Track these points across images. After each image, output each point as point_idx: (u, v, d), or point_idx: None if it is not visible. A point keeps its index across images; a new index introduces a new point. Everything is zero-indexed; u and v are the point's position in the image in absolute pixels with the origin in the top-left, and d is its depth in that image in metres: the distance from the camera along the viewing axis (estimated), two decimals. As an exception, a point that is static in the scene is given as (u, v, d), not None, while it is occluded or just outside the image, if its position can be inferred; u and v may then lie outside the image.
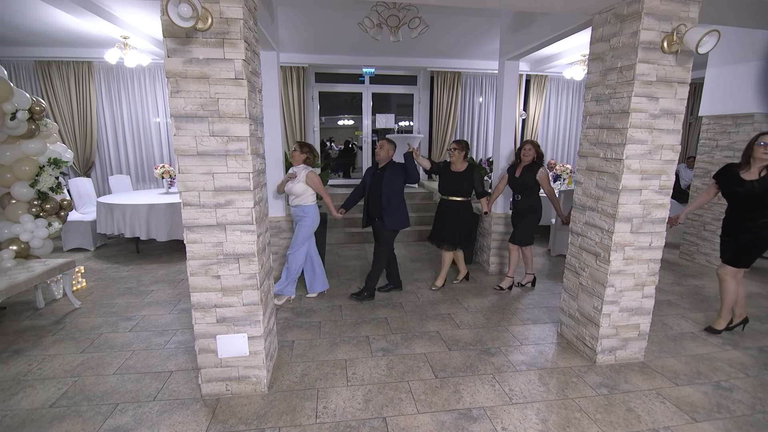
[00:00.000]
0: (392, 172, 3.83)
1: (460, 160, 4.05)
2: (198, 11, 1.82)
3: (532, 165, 3.99)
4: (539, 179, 3.96)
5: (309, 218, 3.76)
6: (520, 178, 4.04)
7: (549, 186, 4.02)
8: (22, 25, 5.10)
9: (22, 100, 3.55)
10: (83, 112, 6.53)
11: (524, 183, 4.02)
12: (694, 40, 2.29)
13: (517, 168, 4.09)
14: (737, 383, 2.67)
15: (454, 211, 4.07)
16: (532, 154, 3.98)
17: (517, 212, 4.16)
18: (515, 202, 4.15)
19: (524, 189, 4.04)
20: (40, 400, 2.42)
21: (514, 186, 4.13)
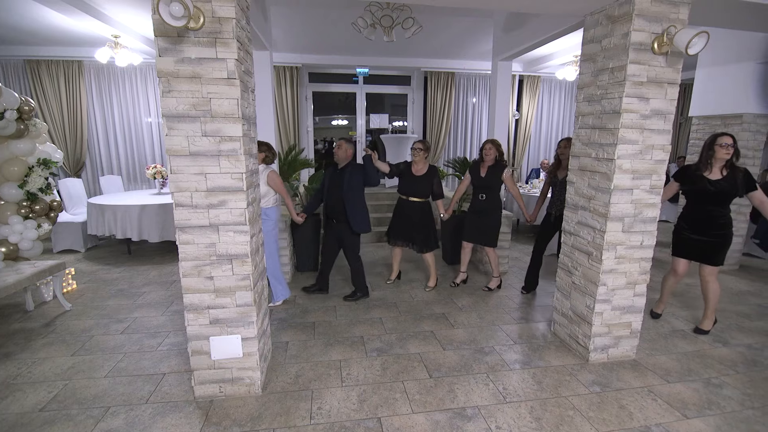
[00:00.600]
0: (352, 173, 3.72)
1: (423, 160, 4.00)
2: (190, 10, 1.81)
3: (496, 165, 3.98)
4: (504, 179, 3.97)
5: (271, 221, 3.57)
6: (485, 178, 4.01)
7: (514, 186, 4.04)
8: (11, 24, 5.02)
9: (10, 100, 3.51)
10: (73, 111, 6.45)
11: (489, 183, 4.00)
12: (683, 41, 2.32)
13: (481, 168, 4.06)
14: (727, 380, 2.71)
15: (412, 211, 4.03)
16: (493, 153, 3.96)
17: (478, 211, 4.11)
18: (478, 201, 4.10)
19: (489, 189, 4.03)
20: (30, 404, 2.39)
21: (478, 186, 4.08)
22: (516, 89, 7.93)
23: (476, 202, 4.13)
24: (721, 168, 3.05)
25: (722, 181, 3.03)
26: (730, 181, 3.02)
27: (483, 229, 4.10)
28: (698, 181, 3.10)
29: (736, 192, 3.03)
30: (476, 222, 4.13)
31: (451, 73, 7.52)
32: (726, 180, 3.03)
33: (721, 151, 2.98)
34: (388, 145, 7.78)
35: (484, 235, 4.11)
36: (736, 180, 3.01)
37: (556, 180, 3.92)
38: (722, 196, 3.06)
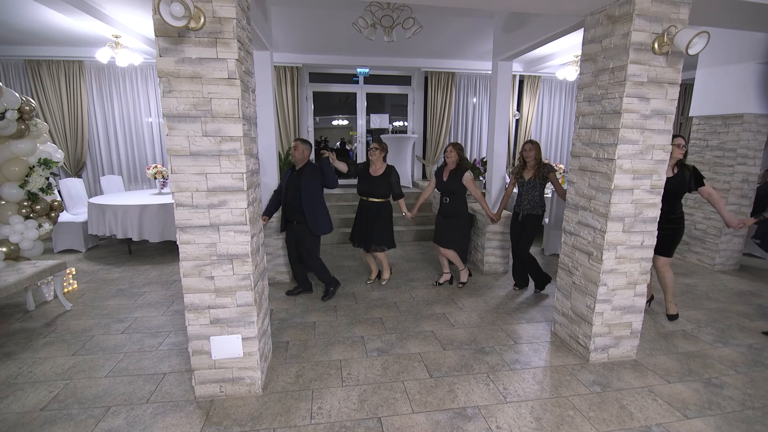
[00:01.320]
0: (310, 174, 3.70)
1: (380, 160, 4.01)
2: (190, 10, 1.81)
3: (458, 169, 3.99)
4: (465, 183, 3.97)
5: None
6: (447, 182, 4.04)
7: (475, 189, 4.05)
8: (12, 24, 5.03)
9: (11, 100, 3.51)
10: (74, 111, 6.45)
11: (452, 187, 4.02)
12: (684, 41, 2.32)
13: (444, 172, 4.08)
14: (727, 380, 2.71)
15: (373, 211, 4.04)
16: (454, 157, 3.97)
17: (444, 215, 4.14)
18: (443, 205, 4.13)
19: (452, 193, 4.05)
20: (30, 404, 2.39)
21: (442, 190, 4.11)
22: (516, 89, 7.92)
23: (442, 205, 4.16)
24: (672, 167, 3.31)
25: (673, 179, 3.27)
26: (679, 179, 3.30)
27: (448, 232, 4.14)
28: None
29: (687, 188, 3.32)
30: (443, 225, 4.16)
31: (452, 73, 7.52)
32: (676, 177, 3.30)
33: (677, 150, 3.25)
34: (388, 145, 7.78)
35: (449, 238, 4.15)
36: (685, 177, 3.30)
37: (522, 181, 4.01)
38: (673, 192, 3.29)
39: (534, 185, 3.92)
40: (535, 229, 4.00)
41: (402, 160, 7.68)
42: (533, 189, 3.93)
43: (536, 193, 3.94)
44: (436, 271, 4.88)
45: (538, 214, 3.96)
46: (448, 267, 4.37)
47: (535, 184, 3.92)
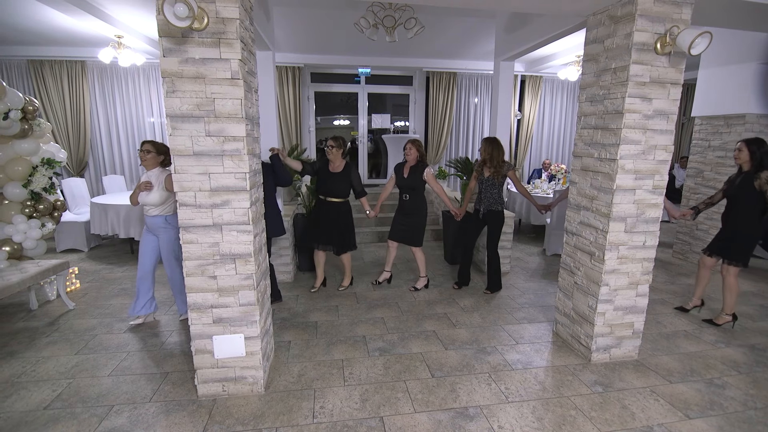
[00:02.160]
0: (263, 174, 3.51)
1: (338, 158, 3.89)
2: (194, 11, 1.82)
3: (417, 165, 3.98)
4: (426, 178, 3.96)
5: (175, 230, 3.23)
6: (408, 178, 4.01)
7: (436, 184, 4.04)
8: (15, 24, 5.04)
9: (14, 100, 3.52)
10: (76, 111, 6.47)
11: (412, 184, 4.00)
12: (686, 41, 2.32)
13: (404, 168, 4.05)
14: (729, 380, 2.71)
15: (332, 212, 3.93)
16: (414, 154, 3.95)
17: (404, 212, 4.11)
18: (403, 201, 4.10)
19: (412, 190, 4.03)
20: (34, 402, 2.40)
21: (402, 186, 4.07)
22: (518, 89, 7.92)
23: (401, 202, 4.13)
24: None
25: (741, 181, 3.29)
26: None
27: (408, 229, 4.10)
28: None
29: None
30: (402, 222, 4.13)
31: (453, 74, 7.52)
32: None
33: None
34: (389, 146, 7.79)
35: (409, 235, 4.11)
36: None
37: (482, 178, 4.03)
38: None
39: (493, 183, 3.98)
40: (499, 225, 4.05)
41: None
42: (492, 186, 4.00)
43: (495, 190, 4.01)
44: (437, 271, 4.89)
45: (499, 210, 4.02)
46: (390, 265, 4.33)
47: (494, 181, 3.97)
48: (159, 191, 3.14)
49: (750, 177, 3.20)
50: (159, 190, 3.14)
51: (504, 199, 4.08)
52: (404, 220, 4.12)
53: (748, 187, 3.21)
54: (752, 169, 3.21)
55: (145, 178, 3.22)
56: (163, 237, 3.27)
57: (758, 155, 3.18)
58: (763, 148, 3.18)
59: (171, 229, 3.26)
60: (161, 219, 3.23)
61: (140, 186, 3.17)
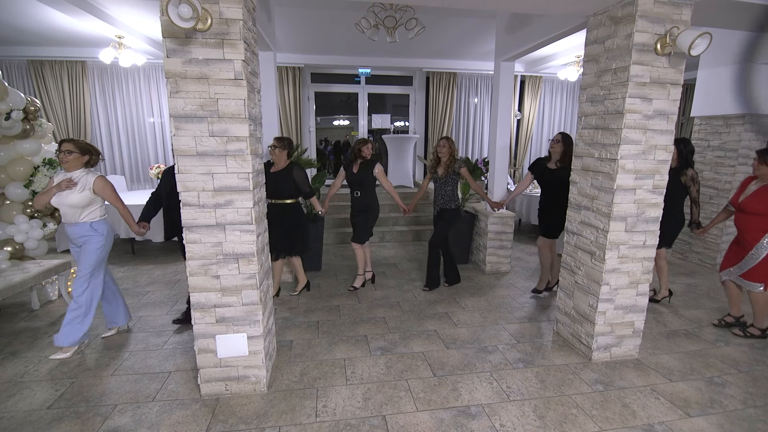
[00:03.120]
0: None
1: (282, 159, 3.73)
2: (198, 12, 1.83)
3: (368, 161, 3.98)
4: (376, 175, 3.98)
5: (101, 237, 2.95)
6: (358, 174, 3.99)
7: (386, 180, 4.06)
8: (15, 24, 5.04)
9: (16, 100, 3.53)
10: (77, 112, 6.47)
11: (362, 180, 3.99)
12: (686, 42, 2.33)
13: (354, 165, 4.02)
14: (729, 379, 2.72)
15: (280, 215, 3.73)
16: (369, 153, 3.97)
17: (357, 210, 4.11)
18: (355, 199, 4.08)
19: (362, 186, 4.02)
20: (37, 402, 2.41)
21: (352, 183, 4.04)
22: (518, 89, 7.94)
23: (352, 200, 4.12)
24: (556, 161, 3.76)
25: (557, 171, 3.74)
26: (559, 173, 3.70)
27: (357, 226, 4.10)
28: (542, 171, 3.89)
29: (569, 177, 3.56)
30: (353, 219, 4.15)
31: (453, 74, 7.53)
32: (560, 170, 3.71)
33: (551, 145, 3.77)
34: (390, 146, 7.81)
35: (355, 232, 4.11)
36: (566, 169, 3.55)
37: (436, 177, 4.08)
38: (555, 183, 3.74)
39: (446, 181, 4.03)
40: (450, 222, 4.10)
41: (403, 160, 7.71)
42: (446, 184, 4.05)
43: (449, 188, 4.06)
44: (438, 270, 4.89)
45: (452, 207, 4.08)
46: (363, 268, 4.29)
47: (448, 179, 4.02)
48: (83, 193, 2.83)
49: (678, 172, 3.56)
50: (83, 192, 2.83)
51: (458, 197, 4.16)
52: (355, 216, 4.12)
53: (675, 181, 3.53)
54: (679, 166, 3.59)
55: (68, 177, 2.86)
56: (89, 246, 2.91)
57: (684, 153, 3.59)
58: (688, 146, 3.61)
59: (98, 236, 2.93)
60: (86, 226, 2.90)
61: (60, 185, 2.79)
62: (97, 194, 2.90)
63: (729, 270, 3.32)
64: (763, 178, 3.12)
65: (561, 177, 3.64)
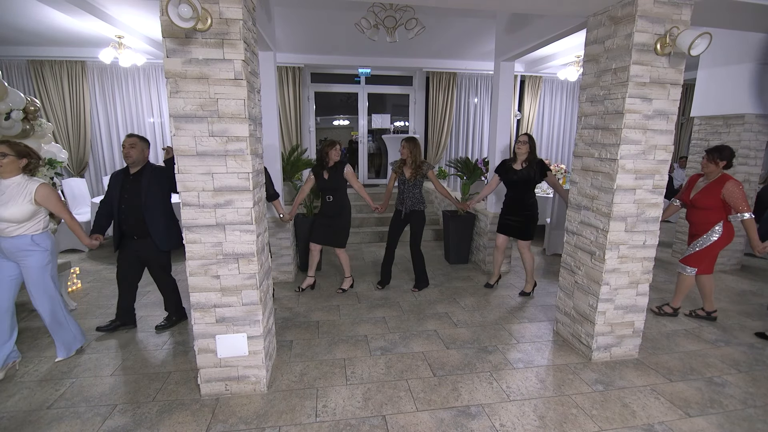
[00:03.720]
0: (152, 179, 3.06)
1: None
2: (198, 12, 1.83)
3: (337, 165, 3.90)
4: (346, 177, 3.91)
5: (45, 252, 2.65)
6: (329, 179, 3.90)
7: (356, 181, 4.00)
8: (15, 24, 5.05)
9: (16, 100, 3.53)
10: (76, 112, 6.47)
11: (333, 184, 3.90)
12: (686, 42, 2.33)
13: (324, 170, 3.93)
14: (729, 379, 2.73)
15: None
16: (336, 156, 3.89)
17: (327, 214, 4.00)
18: (326, 203, 3.98)
19: (334, 190, 3.94)
20: (37, 402, 2.41)
21: (323, 188, 3.96)
22: (518, 89, 7.94)
23: (324, 204, 4.01)
24: (522, 161, 3.83)
25: (522, 171, 3.82)
26: (528, 171, 3.80)
27: (332, 231, 4.01)
28: (507, 171, 3.93)
29: (535, 178, 3.81)
30: (326, 223, 4.03)
31: (453, 74, 7.54)
32: (525, 170, 3.81)
33: (516, 146, 3.84)
34: (389, 146, 7.81)
35: (333, 237, 4.03)
36: (533, 169, 3.80)
37: (403, 178, 4.06)
38: (525, 182, 3.83)
39: (414, 183, 4.02)
40: (420, 224, 4.09)
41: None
42: (414, 186, 4.04)
43: (416, 190, 4.05)
44: (438, 271, 4.90)
45: (420, 209, 4.07)
46: (314, 270, 4.20)
47: (415, 182, 4.01)
48: (23, 204, 2.52)
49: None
50: (23, 203, 2.52)
51: (424, 199, 4.16)
52: (327, 221, 4.02)
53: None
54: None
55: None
56: (31, 263, 2.60)
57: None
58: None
59: (40, 252, 2.61)
60: (26, 240, 2.57)
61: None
62: (39, 204, 2.58)
63: None
64: (709, 175, 3.40)
65: (527, 177, 3.81)
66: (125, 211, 3.07)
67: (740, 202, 3.19)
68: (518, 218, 3.95)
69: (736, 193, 3.20)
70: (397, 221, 4.16)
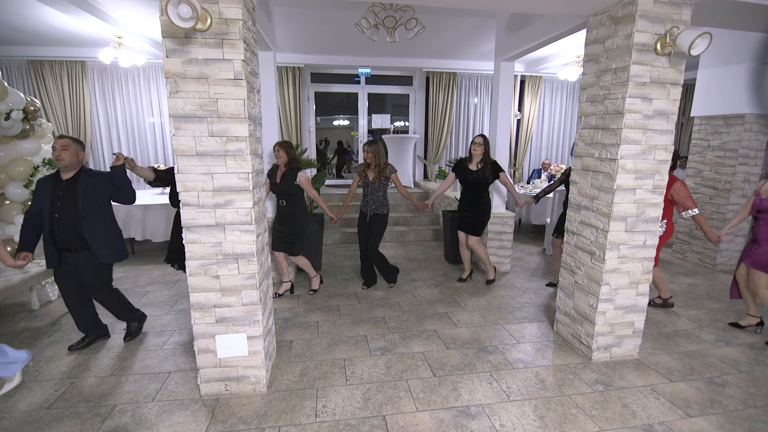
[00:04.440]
0: (91, 184, 2.80)
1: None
2: (198, 12, 1.83)
3: (290, 169, 3.72)
4: (300, 184, 3.73)
5: None
6: (281, 183, 3.74)
7: (311, 189, 3.83)
8: (15, 24, 5.04)
9: (16, 100, 3.53)
10: (76, 112, 6.47)
11: (286, 188, 3.74)
12: (686, 42, 2.33)
13: (277, 173, 3.77)
14: (729, 379, 2.72)
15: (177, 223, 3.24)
16: (283, 157, 3.70)
17: (281, 220, 3.85)
18: (281, 208, 3.83)
19: (288, 195, 3.77)
20: (37, 402, 2.41)
21: (277, 192, 3.80)
22: (518, 89, 7.94)
23: (279, 209, 3.86)
24: (478, 162, 3.97)
25: (477, 172, 3.97)
26: (483, 171, 3.95)
27: (287, 237, 3.86)
28: (463, 171, 4.07)
29: (490, 178, 3.98)
30: (279, 230, 3.87)
31: (453, 74, 7.53)
32: (480, 170, 3.96)
33: (471, 147, 3.97)
34: (389, 146, 7.81)
35: (289, 243, 3.88)
36: (487, 169, 3.95)
37: (366, 182, 4.05)
38: (480, 182, 4.00)
39: (377, 186, 4.01)
40: (382, 227, 4.12)
41: (403, 160, 7.70)
42: (377, 190, 4.04)
43: (380, 193, 4.05)
44: (438, 271, 4.90)
45: (384, 213, 4.08)
46: (287, 275, 4.08)
47: (379, 185, 4.01)
48: None
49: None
50: None
51: (388, 202, 4.16)
52: (283, 228, 3.84)
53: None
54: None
55: None
56: None
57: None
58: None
59: None
60: None
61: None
62: None
63: None
64: None
65: (481, 177, 3.98)
66: (59, 222, 2.74)
67: (688, 201, 3.37)
68: (472, 215, 4.13)
69: (683, 192, 3.39)
70: (362, 223, 4.18)
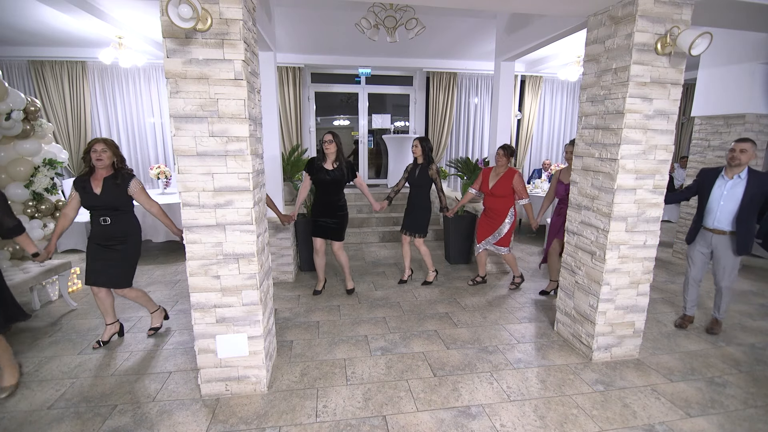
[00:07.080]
0: None
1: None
2: (198, 12, 1.83)
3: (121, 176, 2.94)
4: (132, 194, 2.92)
5: None
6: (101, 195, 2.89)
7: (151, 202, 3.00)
8: (15, 25, 5.05)
9: (17, 100, 3.53)
10: (77, 112, 6.47)
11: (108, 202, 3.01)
12: (687, 42, 2.33)
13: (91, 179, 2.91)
14: (730, 379, 2.72)
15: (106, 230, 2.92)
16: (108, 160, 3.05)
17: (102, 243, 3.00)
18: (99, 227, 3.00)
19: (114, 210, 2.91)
20: (38, 402, 2.41)
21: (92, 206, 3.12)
22: (518, 89, 7.94)
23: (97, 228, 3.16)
24: (333, 161, 3.77)
25: (333, 171, 3.76)
26: (339, 171, 3.77)
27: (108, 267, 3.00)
28: (318, 170, 3.80)
29: (346, 178, 3.82)
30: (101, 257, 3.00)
31: (454, 74, 7.54)
32: (338, 170, 3.77)
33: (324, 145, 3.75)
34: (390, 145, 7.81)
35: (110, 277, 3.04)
36: (344, 170, 3.77)
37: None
38: (337, 183, 3.80)
39: None
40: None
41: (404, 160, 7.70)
42: None
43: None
44: (439, 271, 4.89)
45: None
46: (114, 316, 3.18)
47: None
48: None
49: (425, 168, 4.04)
50: None
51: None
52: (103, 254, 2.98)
53: (423, 175, 4.06)
54: (425, 162, 4.05)
55: None
56: None
57: (426, 151, 4.03)
58: (429, 144, 4.06)
59: None
60: None
61: None
62: None
63: (486, 240, 4.18)
64: (500, 168, 4.03)
65: (339, 177, 3.81)
66: None
67: (524, 191, 3.98)
68: (335, 220, 3.88)
69: (521, 183, 3.96)
70: None
